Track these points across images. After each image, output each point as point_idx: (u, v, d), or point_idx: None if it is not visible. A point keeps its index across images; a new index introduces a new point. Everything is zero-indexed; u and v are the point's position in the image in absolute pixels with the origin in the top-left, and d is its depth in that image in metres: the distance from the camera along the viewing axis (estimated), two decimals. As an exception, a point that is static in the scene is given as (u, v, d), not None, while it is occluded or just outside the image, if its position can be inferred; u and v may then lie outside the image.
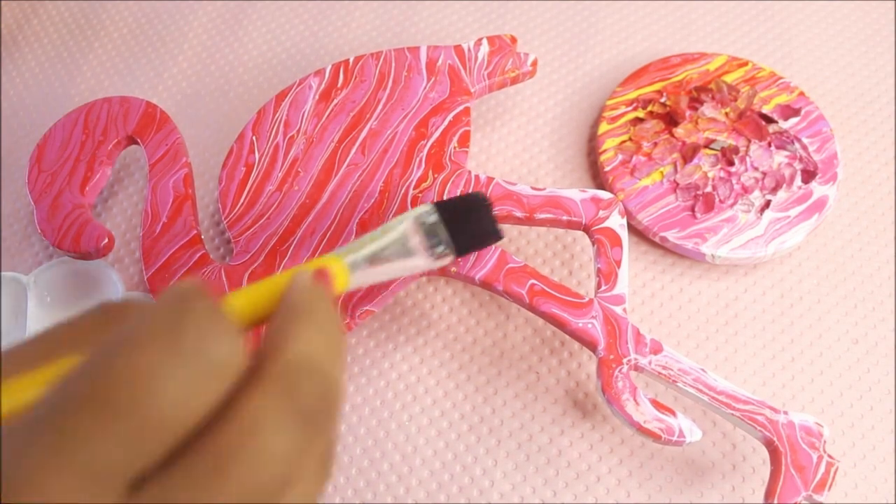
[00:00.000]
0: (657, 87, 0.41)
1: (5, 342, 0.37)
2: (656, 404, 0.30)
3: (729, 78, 0.41)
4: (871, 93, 0.43)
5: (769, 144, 0.39)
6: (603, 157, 0.39)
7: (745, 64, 0.42)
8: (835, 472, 0.29)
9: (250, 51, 0.47)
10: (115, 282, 0.38)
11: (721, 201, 0.37)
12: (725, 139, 0.39)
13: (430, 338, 0.37)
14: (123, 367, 0.14)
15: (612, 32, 0.46)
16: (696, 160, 0.38)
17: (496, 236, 0.29)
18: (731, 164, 0.38)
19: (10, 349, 0.17)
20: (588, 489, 0.33)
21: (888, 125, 0.42)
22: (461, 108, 0.37)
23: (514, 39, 0.40)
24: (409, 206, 0.35)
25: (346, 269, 0.23)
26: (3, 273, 0.39)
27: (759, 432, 0.30)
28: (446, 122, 0.37)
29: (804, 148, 0.39)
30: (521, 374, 0.36)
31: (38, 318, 0.37)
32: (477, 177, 0.35)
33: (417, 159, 0.36)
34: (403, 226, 0.26)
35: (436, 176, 0.36)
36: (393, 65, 0.39)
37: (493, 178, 0.35)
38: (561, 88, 0.44)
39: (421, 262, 0.27)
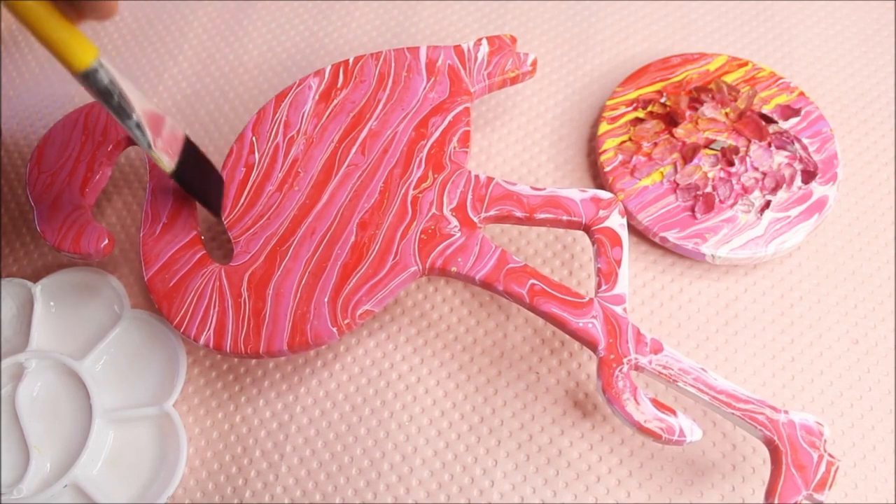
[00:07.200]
0: (657, 87, 0.41)
1: (5, 349, 0.36)
2: (657, 403, 0.30)
3: (729, 78, 0.41)
4: (871, 93, 0.43)
5: (769, 145, 0.39)
6: (603, 158, 0.39)
7: (745, 64, 0.42)
8: (835, 472, 0.29)
9: (250, 51, 0.47)
10: (115, 289, 0.38)
11: (721, 201, 0.37)
12: (725, 139, 0.39)
13: (430, 338, 0.37)
14: None
15: (612, 32, 0.46)
16: (696, 160, 0.38)
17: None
18: (731, 164, 0.38)
19: None
20: (588, 489, 0.33)
21: (888, 125, 0.42)
22: (461, 108, 0.37)
23: (513, 39, 0.40)
24: (409, 207, 0.35)
25: None
26: (11, 279, 0.38)
27: (760, 431, 0.30)
28: (446, 123, 0.37)
29: (804, 148, 0.39)
30: (521, 375, 0.36)
31: (42, 327, 0.37)
32: (477, 177, 0.35)
33: (417, 159, 0.36)
34: None
35: (436, 176, 0.36)
36: (393, 65, 0.39)
37: (492, 178, 0.35)
38: (561, 88, 0.44)
39: None
